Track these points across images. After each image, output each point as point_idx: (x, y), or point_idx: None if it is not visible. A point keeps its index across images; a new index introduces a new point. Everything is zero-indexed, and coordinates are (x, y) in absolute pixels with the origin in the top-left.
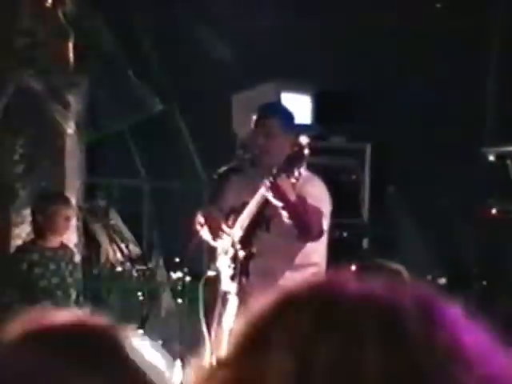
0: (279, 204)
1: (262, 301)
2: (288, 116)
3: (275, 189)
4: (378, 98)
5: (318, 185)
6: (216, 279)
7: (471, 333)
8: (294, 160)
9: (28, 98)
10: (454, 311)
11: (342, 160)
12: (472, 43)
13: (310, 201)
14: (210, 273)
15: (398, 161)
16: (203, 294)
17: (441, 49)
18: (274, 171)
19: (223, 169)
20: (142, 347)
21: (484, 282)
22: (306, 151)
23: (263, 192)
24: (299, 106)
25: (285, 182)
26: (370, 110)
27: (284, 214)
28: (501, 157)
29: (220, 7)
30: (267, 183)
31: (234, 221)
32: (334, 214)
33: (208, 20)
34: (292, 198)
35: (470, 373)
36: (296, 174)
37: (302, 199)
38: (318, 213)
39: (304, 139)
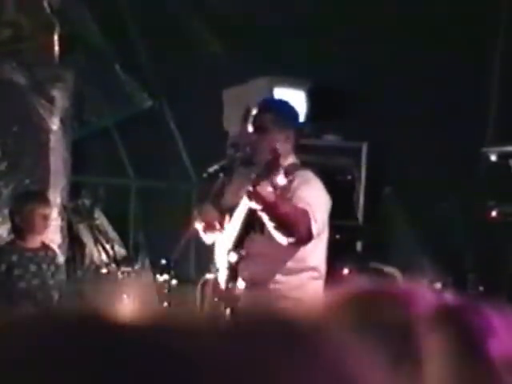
0: (258, 207)
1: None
2: (283, 112)
3: (254, 195)
4: (376, 96)
5: (313, 187)
6: (209, 282)
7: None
8: (271, 167)
9: (11, 92)
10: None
11: (337, 159)
12: (474, 42)
13: (301, 205)
14: (208, 275)
15: (395, 161)
16: (200, 299)
17: (441, 47)
18: (253, 177)
19: (213, 168)
20: None
21: (481, 288)
22: (282, 160)
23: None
24: (293, 102)
25: (264, 187)
26: (367, 107)
27: (264, 216)
28: (503, 157)
29: (213, 1)
30: (247, 190)
31: (228, 221)
32: (330, 215)
33: (198, 13)
34: (271, 201)
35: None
36: (275, 181)
37: (285, 202)
38: (305, 215)
39: (279, 145)
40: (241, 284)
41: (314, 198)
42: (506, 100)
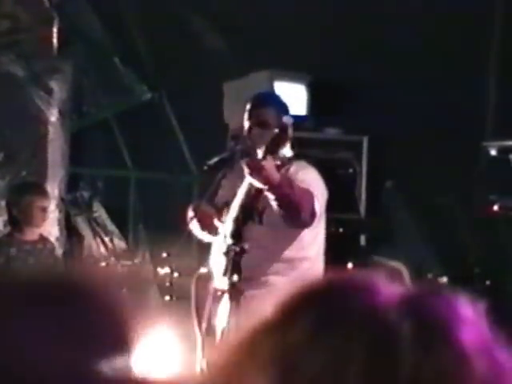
0: (263, 186)
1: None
2: (283, 106)
3: (256, 169)
4: (377, 90)
5: (312, 172)
6: (207, 276)
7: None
8: (277, 141)
9: (9, 83)
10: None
11: (338, 153)
12: (472, 38)
13: (301, 185)
14: (203, 269)
15: (397, 154)
16: (195, 292)
17: (441, 43)
18: (260, 152)
19: (214, 160)
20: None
21: (487, 282)
22: (290, 131)
23: (247, 175)
24: (293, 95)
25: (268, 162)
26: (369, 101)
27: (270, 196)
28: (503, 151)
29: None
30: (246, 163)
31: (227, 215)
32: (330, 208)
33: (199, 7)
34: (276, 177)
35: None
36: (281, 155)
37: (289, 180)
38: (309, 194)
39: (287, 119)
40: (244, 275)
41: (313, 181)
42: (506, 93)
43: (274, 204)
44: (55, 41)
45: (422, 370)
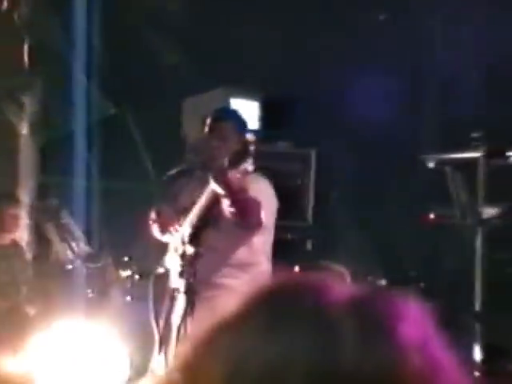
0: (222, 192)
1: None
2: (241, 121)
3: (221, 175)
4: (325, 105)
5: (263, 184)
6: (165, 276)
7: (415, 327)
8: (240, 155)
9: None
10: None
11: (288, 165)
12: (412, 53)
13: (252, 194)
14: (160, 270)
15: (342, 166)
16: (152, 292)
17: (382, 60)
18: (223, 164)
19: (173, 171)
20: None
21: (421, 284)
22: (252, 147)
23: (210, 183)
24: (247, 111)
25: (231, 173)
26: (318, 116)
27: (226, 202)
28: (440, 164)
29: (173, 14)
30: (214, 171)
31: (185, 220)
32: (280, 216)
33: (159, 26)
34: (234, 186)
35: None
36: (242, 168)
37: (243, 189)
38: (258, 204)
39: (250, 136)
40: (199, 277)
41: (263, 193)
42: (443, 109)
43: (228, 209)
44: (26, 58)
45: (363, 363)
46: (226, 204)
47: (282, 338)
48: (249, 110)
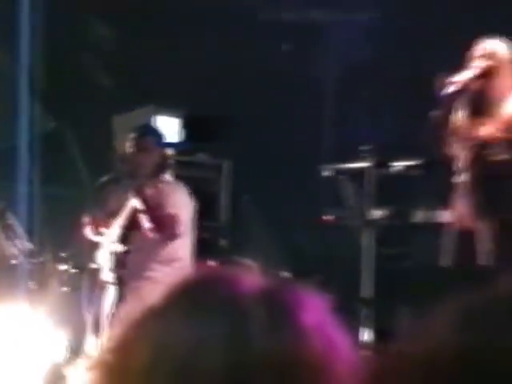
0: (141, 208)
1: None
2: (160, 135)
3: (140, 194)
4: (236, 121)
5: (181, 194)
6: (97, 270)
7: (312, 314)
8: (159, 167)
9: None
10: (301, 297)
11: (205, 173)
12: (307, 74)
13: (169, 209)
14: (93, 265)
15: (252, 174)
16: (87, 283)
17: (288, 81)
18: (143, 177)
19: (104, 179)
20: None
21: (319, 276)
22: (170, 160)
23: (131, 199)
24: (170, 127)
25: (150, 191)
26: (230, 131)
27: (144, 217)
28: (334, 173)
29: (105, 40)
30: (134, 189)
31: (114, 222)
32: (198, 218)
33: (94, 50)
34: (152, 203)
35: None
36: (161, 178)
37: (159, 206)
38: (173, 218)
39: (169, 150)
40: (127, 271)
41: (182, 203)
42: (338, 124)
43: (146, 224)
44: None
45: (271, 346)
46: (144, 219)
47: (200, 324)
48: (171, 126)
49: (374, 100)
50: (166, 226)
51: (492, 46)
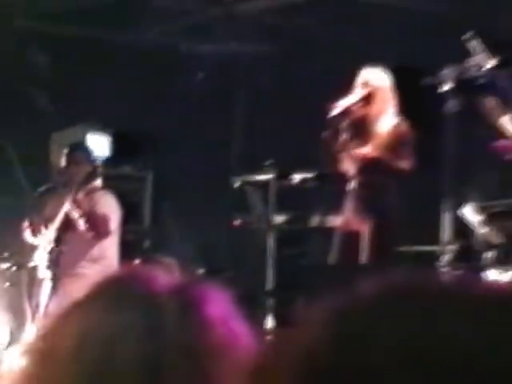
0: (76, 214)
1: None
2: (90, 150)
3: (73, 203)
4: (158, 138)
5: (109, 199)
6: (35, 268)
7: (219, 308)
8: (90, 177)
9: None
10: (208, 293)
11: (130, 183)
12: (221, 100)
13: (100, 212)
14: (32, 263)
15: (172, 184)
16: (26, 279)
17: (200, 105)
18: (76, 187)
19: (42, 188)
20: None
21: (231, 273)
22: (99, 171)
23: (67, 205)
24: (100, 143)
25: (82, 198)
26: (155, 145)
27: (80, 222)
28: (243, 183)
29: (43, 67)
30: (69, 199)
31: (50, 225)
32: (123, 222)
33: (34, 76)
34: (85, 209)
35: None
36: (88, 189)
37: (92, 210)
38: (105, 219)
39: (97, 163)
40: (62, 269)
41: (111, 207)
42: (248, 139)
43: (82, 226)
44: None
45: (182, 336)
46: (80, 222)
47: (118, 316)
48: (101, 142)
49: (276, 120)
50: (98, 226)
51: (370, 74)
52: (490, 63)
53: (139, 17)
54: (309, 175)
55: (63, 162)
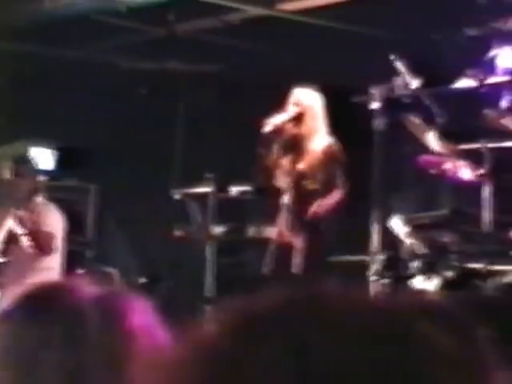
0: (20, 231)
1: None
2: (33, 164)
3: (17, 219)
4: (101, 152)
5: (53, 213)
6: None
7: (144, 319)
8: (32, 193)
9: None
10: (135, 304)
11: (74, 195)
12: (162, 115)
13: (44, 227)
14: None
15: (115, 196)
16: None
17: (142, 121)
18: (19, 203)
19: None
20: None
21: (170, 281)
22: (42, 185)
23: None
24: (44, 156)
25: (26, 215)
26: (99, 158)
27: (23, 238)
28: (183, 196)
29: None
30: (13, 215)
31: None
32: (68, 233)
33: None
34: (29, 226)
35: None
36: (32, 202)
37: (36, 227)
38: (48, 236)
39: (42, 177)
40: (8, 278)
41: (56, 222)
42: (188, 153)
43: (27, 243)
44: None
45: (104, 346)
46: (24, 239)
47: (42, 326)
48: (45, 156)
49: (215, 135)
50: (42, 244)
51: (301, 94)
52: (415, 83)
53: (84, 33)
54: (246, 188)
55: (6, 174)
